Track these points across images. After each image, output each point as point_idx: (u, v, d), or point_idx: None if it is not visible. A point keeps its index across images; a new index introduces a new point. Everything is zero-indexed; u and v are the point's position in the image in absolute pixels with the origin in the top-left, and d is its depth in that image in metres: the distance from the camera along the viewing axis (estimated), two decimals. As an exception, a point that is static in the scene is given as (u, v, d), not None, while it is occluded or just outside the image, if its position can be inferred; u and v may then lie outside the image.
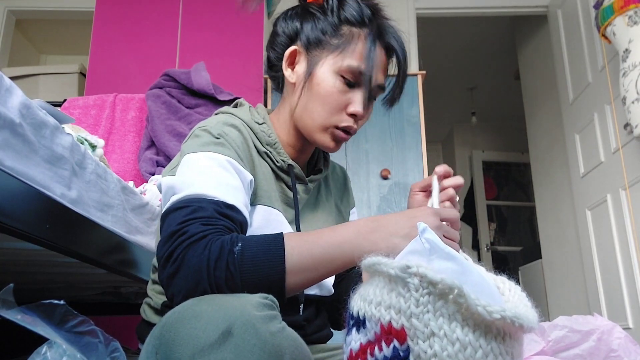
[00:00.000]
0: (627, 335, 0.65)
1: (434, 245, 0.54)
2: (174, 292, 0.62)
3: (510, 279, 0.59)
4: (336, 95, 0.84)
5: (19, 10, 3.48)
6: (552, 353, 0.64)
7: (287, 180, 0.89)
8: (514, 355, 0.50)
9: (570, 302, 3.14)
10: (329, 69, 0.84)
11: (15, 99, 0.71)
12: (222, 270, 0.61)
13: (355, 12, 0.85)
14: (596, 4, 2.24)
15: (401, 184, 2.62)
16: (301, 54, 0.87)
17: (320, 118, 0.85)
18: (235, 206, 0.71)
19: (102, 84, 2.59)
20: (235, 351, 0.49)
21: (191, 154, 0.77)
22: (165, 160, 1.81)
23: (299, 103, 0.86)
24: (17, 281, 0.84)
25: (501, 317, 0.47)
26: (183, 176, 0.74)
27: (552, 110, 3.37)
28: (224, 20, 2.78)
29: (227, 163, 0.75)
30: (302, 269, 0.65)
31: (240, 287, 0.61)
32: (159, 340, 0.52)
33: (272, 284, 0.63)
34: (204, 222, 0.66)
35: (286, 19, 0.91)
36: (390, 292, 0.51)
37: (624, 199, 2.39)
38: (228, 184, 0.73)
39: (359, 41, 0.84)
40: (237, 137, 0.81)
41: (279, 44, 0.91)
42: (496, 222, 5.22)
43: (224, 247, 0.63)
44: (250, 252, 0.63)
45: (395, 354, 0.49)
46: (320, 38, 0.85)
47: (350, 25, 0.85)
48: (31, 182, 0.73)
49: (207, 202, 0.69)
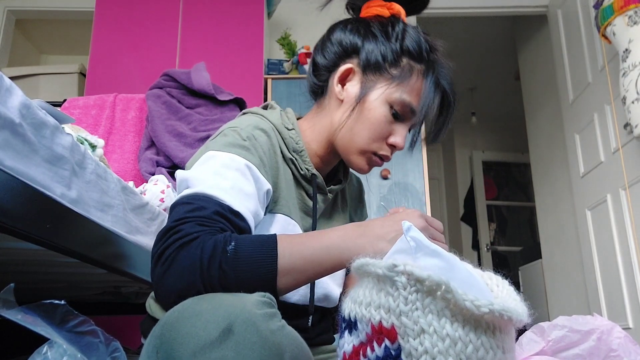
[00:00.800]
0: (627, 335, 0.65)
1: (420, 243, 0.54)
2: (165, 292, 0.62)
3: (509, 279, 0.60)
4: (383, 124, 0.85)
5: (19, 10, 3.48)
6: (552, 353, 0.64)
7: (307, 188, 0.90)
8: (505, 349, 0.50)
9: (570, 302, 3.14)
10: (382, 97, 0.84)
11: (15, 99, 0.71)
12: (215, 269, 0.61)
13: (416, 44, 0.85)
14: (596, 4, 2.24)
15: (401, 184, 2.62)
16: (356, 73, 0.87)
17: (362, 142, 0.86)
18: (240, 213, 0.71)
19: (102, 84, 2.59)
20: (236, 349, 0.49)
21: (214, 151, 0.77)
22: (165, 160, 1.81)
23: (346, 123, 0.86)
24: (17, 281, 0.84)
25: (489, 310, 0.47)
26: (199, 172, 0.74)
27: (552, 110, 3.37)
28: (224, 20, 2.78)
29: (246, 168, 0.75)
30: (293, 270, 0.65)
31: (234, 285, 0.61)
32: (159, 339, 0.52)
33: (265, 283, 0.63)
34: (199, 222, 0.66)
35: (345, 31, 0.90)
36: (379, 292, 0.52)
37: (624, 199, 2.39)
38: (241, 190, 0.72)
39: (416, 77, 0.85)
40: (265, 143, 0.81)
41: (332, 52, 0.90)
42: (496, 222, 5.22)
43: (217, 246, 0.62)
44: (243, 252, 0.63)
45: (387, 353, 0.49)
46: (380, 64, 0.85)
47: (409, 58, 0.85)
48: (31, 182, 0.73)
49: (212, 203, 0.69)
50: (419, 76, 0.85)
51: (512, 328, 0.52)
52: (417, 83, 0.85)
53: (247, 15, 2.80)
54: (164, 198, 1.45)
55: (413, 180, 2.59)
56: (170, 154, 1.79)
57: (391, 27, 0.87)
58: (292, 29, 3.14)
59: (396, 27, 0.86)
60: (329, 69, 0.90)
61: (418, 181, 2.58)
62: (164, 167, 1.79)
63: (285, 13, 3.28)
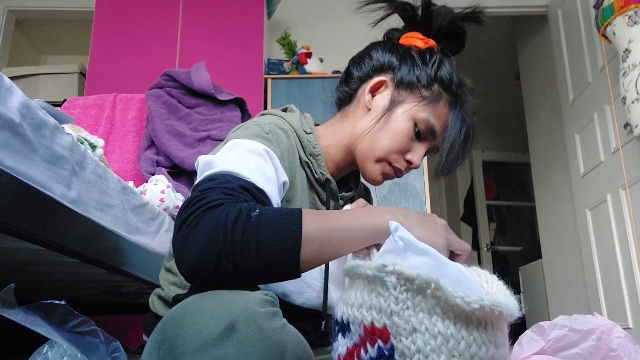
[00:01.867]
0: (627, 334, 0.65)
1: (408, 242, 0.55)
2: (186, 254, 0.60)
3: (507, 278, 0.60)
4: (405, 138, 0.88)
5: (19, 10, 3.48)
6: (552, 352, 0.64)
7: (320, 192, 0.91)
8: (498, 344, 0.50)
9: (570, 301, 3.14)
10: (409, 112, 0.88)
11: (15, 99, 0.71)
12: (238, 234, 0.59)
13: (449, 76, 0.91)
14: (596, 4, 2.24)
15: (401, 184, 2.61)
16: (388, 87, 0.91)
17: (381, 150, 0.88)
18: (264, 190, 0.70)
19: (102, 84, 2.59)
20: (238, 346, 0.49)
21: (236, 139, 0.78)
22: (165, 160, 1.81)
23: (370, 131, 0.89)
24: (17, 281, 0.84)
25: (480, 306, 0.47)
26: (222, 155, 0.74)
27: (552, 110, 3.37)
28: (224, 20, 2.78)
29: (267, 154, 0.76)
30: (317, 238, 0.62)
31: (254, 252, 0.59)
32: (162, 335, 0.52)
33: (288, 252, 0.60)
34: (226, 192, 0.65)
35: (385, 49, 0.94)
36: (370, 293, 0.52)
37: (624, 199, 2.39)
38: (264, 172, 0.73)
39: (443, 104, 0.90)
40: (285, 142, 0.84)
41: (367, 66, 0.94)
42: (496, 222, 5.22)
43: (242, 212, 0.61)
44: (267, 219, 0.61)
45: (380, 353, 0.49)
46: (414, 83, 0.89)
47: (440, 86, 0.90)
48: (31, 182, 0.73)
49: (237, 179, 0.69)
50: (445, 104, 0.90)
51: (504, 323, 0.53)
52: (444, 110, 0.90)
53: (247, 15, 2.80)
54: (163, 198, 1.45)
55: (413, 180, 2.59)
56: (170, 154, 1.79)
57: (429, 55, 0.91)
58: (292, 29, 3.14)
59: (434, 57, 0.91)
60: (361, 80, 0.94)
61: (418, 181, 2.58)
62: (164, 167, 1.79)
63: (285, 13, 3.28)
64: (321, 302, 0.89)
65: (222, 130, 1.86)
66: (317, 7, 3.37)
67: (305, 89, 2.76)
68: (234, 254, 0.58)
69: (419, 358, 0.48)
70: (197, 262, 0.58)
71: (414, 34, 0.95)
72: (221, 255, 0.58)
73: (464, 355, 0.48)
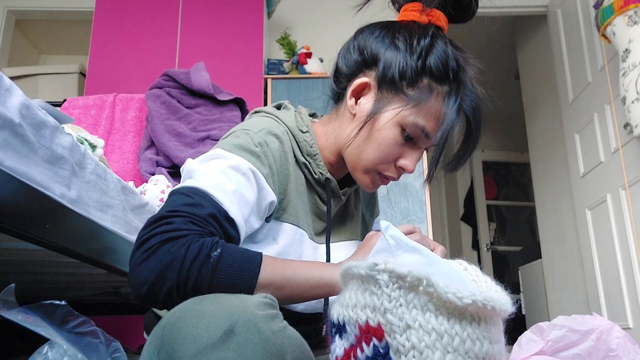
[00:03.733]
0: (626, 334, 0.65)
1: (399, 240, 0.55)
2: (138, 280, 0.61)
3: (508, 279, 0.60)
4: (392, 146, 0.80)
5: (19, 10, 3.48)
6: (551, 353, 0.64)
7: (320, 193, 0.89)
8: (492, 340, 0.50)
9: (570, 302, 3.14)
10: (394, 118, 0.79)
11: (15, 99, 0.71)
12: (194, 272, 0.60)
13: (441, 63, 0.78)
14: (596, 3, 2.24)
15: (400, 184, 2.61)
16: (371, 89, 0.82)
17: (369, 161, 0.82)
18: (234, 221, 0.70)
19: (102, 84, 2.59)
20: (237, 350, 0.49)
21: (224, 150, 0.76)
22: (165, 160, 1.81)
23: (354, 140, 0.82)
24: (18, 281, 0.84)
25: (472, 301, 0.48)
26: (206, 167, 0.73)
27: (552, 110, 3.37)
28: (224, 20, 2.78)
29: (252, 174, 0.74)
30: (271, 285, 0.65)
31: (206, 292, 0.61)
32: (160, 340, 0.52)
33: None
34: (192, 220, 0.65)
35: (370, 36, 0.83)
36: (363, 293, 0.52)
37: (623, 199, 2.39)
38: (242, 196, 0.72)
39: (435, 99, 0.78)
40: (276, 150, 0.80)
41: (352, 60, 0.85)
42: (496, 222, 5.22)
43: (203, 249, 0.62)
44: (226, 262, 0.63)
45: (376, 352, 0.50)
46: (396, 81, 0.79)
47: (430, 78, 0.78)
48: (31, 182, 0.73)
49: (210, 203, 0.68)
50: (438, 98, 0.78)
51: (498, 319, 0.53)
52: (437, 106, 0.78)
53: (247, 15, 2.80)
54: (163, 198, 1.45)
55: (413, 180, 2.59)
56: (170, 154, 1.80)
57: (417, 40, 0.79)
58: (292, 29, 3.14)
59: (422, 41, 0.78)
60: (348, 78, 0.85)
61: (418, 181, 2.58)
62: (164, 167, 1.79)
63: (285, 13, 3.29)
64: (322, 306, 0.89)
65: (221, 130, 1.86)
66: (317, 7, 3.37)
67: (305, 89, 2.76)
68: (185, 290, 0.60)
69: (414, 354, 0.48)
70: (147, 291, 0.59)
71: (413, 5, 0.83)
72: (172, 290, 0.60)
73: (458, 351, 0.48)
